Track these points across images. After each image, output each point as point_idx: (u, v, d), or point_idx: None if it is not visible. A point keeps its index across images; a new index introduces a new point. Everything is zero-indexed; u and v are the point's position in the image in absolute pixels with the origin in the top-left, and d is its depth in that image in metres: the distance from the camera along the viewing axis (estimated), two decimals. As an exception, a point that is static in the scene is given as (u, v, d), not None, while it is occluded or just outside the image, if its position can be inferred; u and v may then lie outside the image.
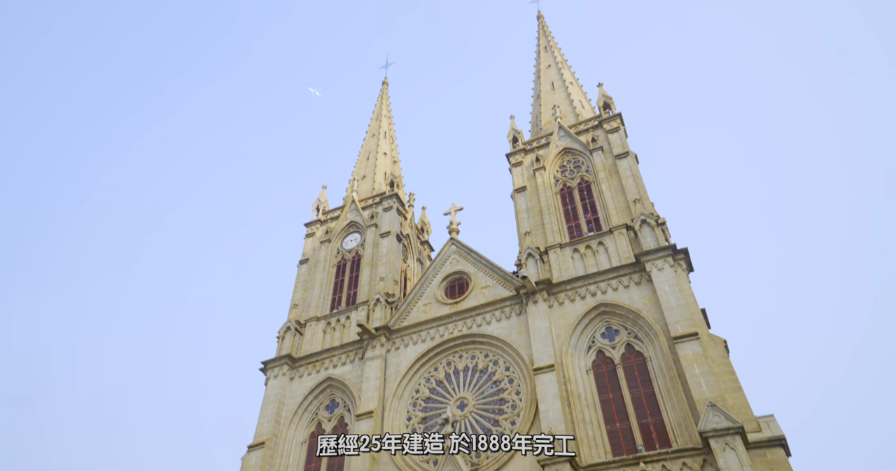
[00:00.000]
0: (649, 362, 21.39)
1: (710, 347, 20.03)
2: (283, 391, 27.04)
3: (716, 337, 20.47)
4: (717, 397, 18.39)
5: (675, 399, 19.69)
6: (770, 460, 17.09)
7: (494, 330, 25.00)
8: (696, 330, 20.32)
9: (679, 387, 19.79)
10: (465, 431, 22.69)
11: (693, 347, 19.91)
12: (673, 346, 20.55)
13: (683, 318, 20.90)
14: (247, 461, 24.69)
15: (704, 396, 18.50)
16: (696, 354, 19.71)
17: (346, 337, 28.38)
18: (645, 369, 21.38)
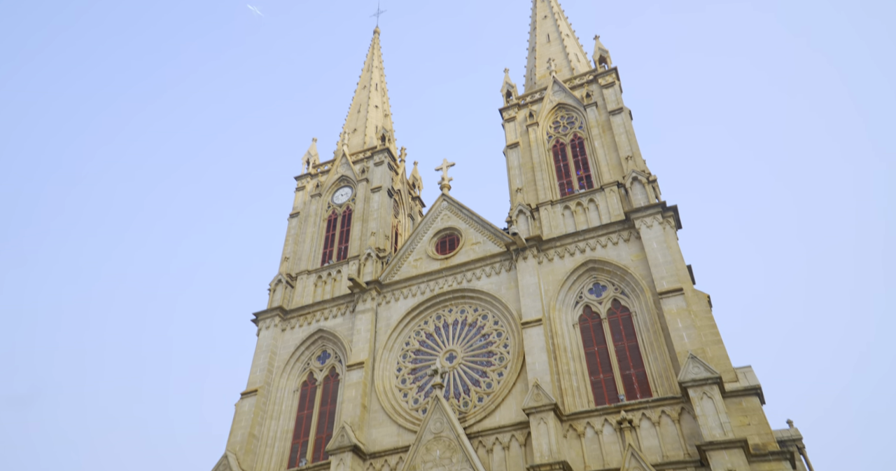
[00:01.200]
0: (634, 316, 21.87)
1: (693, 302, 20.48)
2: (274, 342, 27.50)
3: (699, 292, 20.91)
4: (697, 349, 18.93)
5: (658, 352, 20.26)
6: (745, 407, 17.79)
7: (484, 285, 25.32)
8: (681, 286, 20.71)
9: (662, 340, 20.32)
10: (453, 382, 23.32)
11: (677, 302, 20.34)
12: (658, 301, 20.97)
13: (669, 274, 21.24)
14: (240, 408, 25.36)
15: (686, 348, 19.04)
16: (679, 308, 20.15)
17: (337, 291, 28.67)
18: (630, 324, 21.89)
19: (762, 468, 16.46)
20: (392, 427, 22.66)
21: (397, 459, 21.44)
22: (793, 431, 28.56)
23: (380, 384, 24.19)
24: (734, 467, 15.92)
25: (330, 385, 25.91)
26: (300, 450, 24.21)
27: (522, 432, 20.07)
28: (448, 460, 19.77)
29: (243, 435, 24.18)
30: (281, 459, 24.06)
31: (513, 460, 19.70)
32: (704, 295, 20.84)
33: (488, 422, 21.03)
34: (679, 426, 18.30)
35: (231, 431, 24.68)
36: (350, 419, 22.69)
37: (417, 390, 23.79)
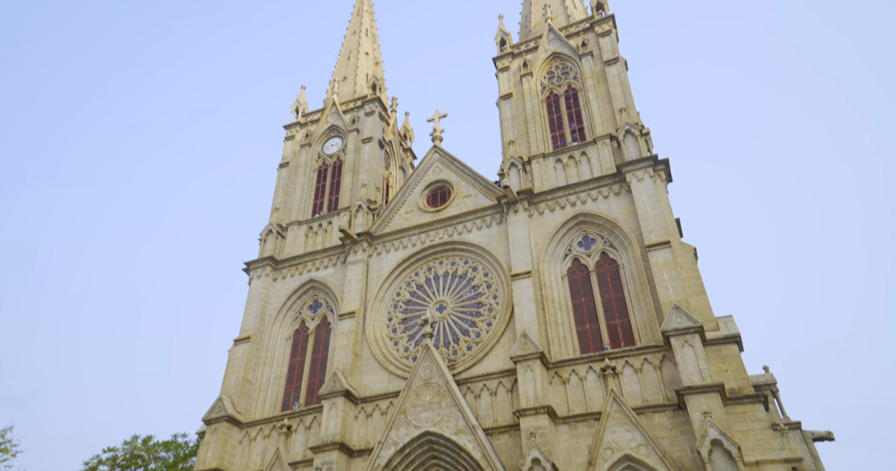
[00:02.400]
0: (622, 268, 22.23)
1: (680, 254, 20.81)
2: (266, 291, 27.79)
3: (686, 245, 21.23)
4: (681, 300, 19.38)
5: (643, 303, 20.72)
6: (723, 354, 18.44)
7: (475, 238, 25.49)
8: (668, 239, 20.98)
9: (648, 292, 20.75)
10: (443, 331, 23.83)
11: (664, 254, 20.64)
12: (646, 253, 21.27)
13: (658, 227, 21.46)
14: (233, 354, 25.86)
15: (670, 299, 19.48)
16: (666, 261, 20.48)
17: (328, 242, 28.78)
18: (617, 276, 22.26)
19: (737, 411, 17.23)
20: (383, 374, 23.30)
21: (388, 403, 22.16)
22: (768, 376, 29.71)
23: (371, 333, 24.70)
24: (710, 410, 16.63)
25: (322, 333, 26.42)
26: (293, 394, 24.92)
27: (509, 378, 20.73)
28: (437, 404, 20.47)
29: (237, 380, 24.77)
30: (275, 402, 24.78)
31: (499, 405, 20.43)
32: (691, 248, 21.18)
33: (476, 369, 21.65)
34: (660, 373, 18.97)
35: (225, 375, 25.26)
36: (342, 366, 23.27)
37: (408, 339, 24.33)
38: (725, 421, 16.55)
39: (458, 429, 19.61)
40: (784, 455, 16.35)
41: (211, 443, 22.88)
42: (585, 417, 18.80)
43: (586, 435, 18.45)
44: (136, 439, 32.16)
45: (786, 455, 16.38)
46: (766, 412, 17.43)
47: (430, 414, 20.32)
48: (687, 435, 17.30)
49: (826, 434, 28.83)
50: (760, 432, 16.75)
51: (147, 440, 32.50)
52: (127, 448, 31.61)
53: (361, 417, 22.38)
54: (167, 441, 32.85)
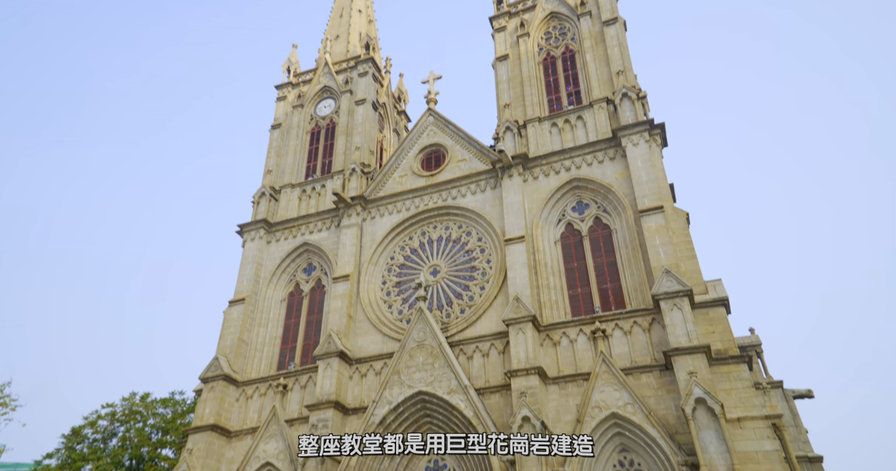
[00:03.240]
0: (614, 233, 22.41)
1: (672, 219, 20.97)
2: (260, 253, 27.89)
3: (679, 210, 21.38)
4: (672, 264, 19.65)
5: (635, 267, 21.00)
6: (711, 317, 18.85)
7: (469, 203, 25.50)
8: (661, 204, 21.08)
9: (639, 256, 21.00)
10: (436, 295, 24.12)
11: (657, 219, 20.79)
12: (638, 218, 21.42)
13: (651, 192, 21.54)
14: (229, 315, 26.13)
15: (661, 263, 19.73)
16: (658, 226, 20.65)
17: (321, 205, 28.72)
18: (610, 240, 22.47)
19: (721, 370, 17.74)
20: (377, 336, 23.68)
21: (382, 364, 22.61)
22: (754, 337, 30.51)
23: (365, 296, 24.96)
24: (695, 370, 17.11)
25: (316, 296, 26.67)
26: (289, 354, 25.35)
27: (501, 340, 21.14)
28: (430, 365, 20.92)
29: (233, 340, 25.11)
30: (270, 362, 25.21)
31: (491, 366, 20.90)
32: (683, 213, 21.36)
33: (469, 332, 22.04)
34: (649, 335, 19.40)
35: (221, 336, 25.57)
36: (336, 328, 23.62)
37: (402, 302, 24.63)
38: (710, 380, 17.05)
39: (450, 389, 20.12)
40: (765, 412, 16.95)
41: (208, 400, 23.37)
42: (575, 377, 19.30)
43: (575, 394, 18.99)
44: (134, 396, 32.71)
45: (767, 412, 16.98)
46: (749, 372, 17.95)
47: (424, 375, 20.79)
48: (672, 394, 17.83)
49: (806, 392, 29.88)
50: (743, 391, 17.30)
51: (145, 397, 33.06)
52: (125, 404, 32.18)
53: (356, 377, 22.87)
54: (165, 398, 33.44)
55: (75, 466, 28.85)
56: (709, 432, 15.97)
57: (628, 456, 17.84)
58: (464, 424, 19.64)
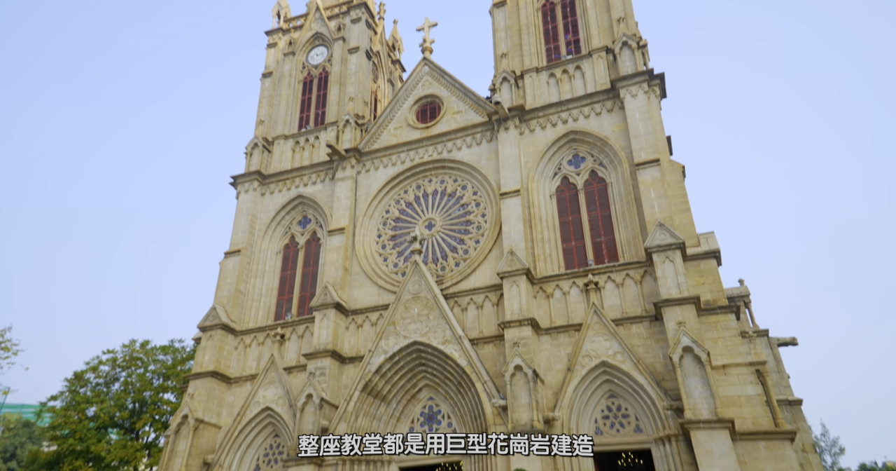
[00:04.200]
0: (610, 187, 22.44)
1: (668, 172, 20.98)
2: (254, 205, 27.83)
3: (675, 163, 21.36)
4: (666, 217, 19.79)
5: (629, 220, 21.15)
6: (702, 269, 19.18)
7: (465, 156, 25.32)
8: (658, 157, 21.01)
9: (634, 210, 21.10)
10: (432, 248, 24.30)
11: (653, 172, 20.79)
12: (634, 172, 21.40)
13: (648, 145, 21.43)
14: (225, 266, 26.33)
15: (655, 217, 19.86)
16: (654, 179, 20.66)
17: (315, 157, 28.44)
18: (605, 194, 22.52)
19: (709, 320, 18.22)
20: (373, 288, 24.01)
21: (378, 315, 23.04)
22: (742, 288, 31.24)
23: (360, 249, 25.13)
24: (684, 320, 17.58)
25: (312, 248, 26.83)
26: (285, 305, 25.74)
27: (495, 293, 21.50)
28: (425, 316, 21.35)
29: (229, 290, 25.41)
30: (267, 312, 25.63)
31: (485, 318, 21.35)
32: (679, 166, 21.33)
33: (464, 285, 22.36)
34: (640, 287, 19.77)
35: (218, 286, 25.85)
36: (332, 280, 23.89)
37: (397, 255, 24.84)
38: (698, 330, 17.54)
39: (445, 339, 20.61)
40: (749, 359, 17.56)
41: (207, 348, 23.87)
42: (567, 328, 19.78)
43: (567, 344, 19.53)
44: (134, 343, 33.25)
45: (751, 359, 17.59)
46: (736, 321, 18.44)
47: (419, 325, 21.24)
48: (661, 343, 18.37)
49: (790, 340, 30.90)
50: (730, 340, 17.84)
51: (145, 344, 33.61)
52: (126, 351, 32.74)
53: (352, 327, 23.34)
54: (164, 346, 34.03)
55: (80, 408, 29.67)
56: (694, 378, 16.56)
57: (616, 401, 18.55)
58: (458, 372, 20.24)
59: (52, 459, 28.77)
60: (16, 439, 42.38)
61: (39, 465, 29.02)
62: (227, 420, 22.94)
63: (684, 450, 16.35)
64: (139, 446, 28.96)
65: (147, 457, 30.32)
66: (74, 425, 28.73)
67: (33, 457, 29.89)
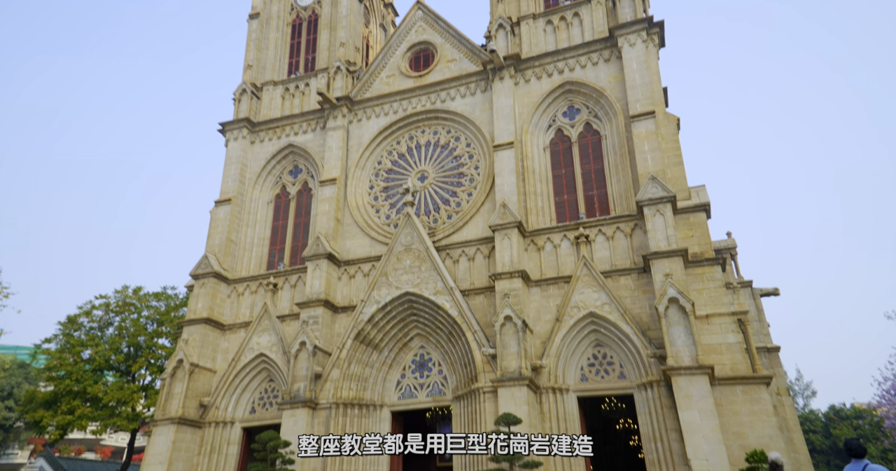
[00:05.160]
0: (604, 139, 22.34)
1: (663, 125, 20.88)
2: (244, 154, 27.45)
3: (670, 115, 21.23)
4: (659, 170, 19.85)
5: (622, 173, 21.19)
6: (691, 222, 19.46)
7: (458, 106, 24.91)
8: (653, 109, 20.83)
9: (627, 163, 21.10)
10: (424, 200, 24.30)
11: (647, 125, 20.67)
12: (629, 124, 21.26)
13: (644, 97, 21.20)
14: (216, 215, 26.21)
15: (648, 170, 19.89)
16: (648, 131, 20.58)
17: (305, 105, 27.86)
18: (599, 147, 22.45)
19: (696, 272, 18.67)
20: (365, 239, 24.13)
21: (370, 266, 23.28)
22: (730, 241, 31.84)
23: (352, 200, 25.07)
24: (671, 272, 17.99)
25: (303, 199, 26.71)
26: (277, 255, 25.87)
27: (487, 245, 21.72)
28: (417, 268, 21.62)
29: (221, 239, 25.42)
30: (260, 262, 25.77)
31: (477, 270, 21.65)
32: (674, 118, 21.21)
33: (456, 237, 22.52)
34: (630, 240, 20.06)
35: (209, 235, 25.81)
36: (324, 231, 23.95)
37: (389, 207, 24.83)
38: (684, 281, 17.99)
39: (436, 290, 20.97)
40: (732, 309, 18.13)
41: (200, 296, 24.11)
42: (556, 280, 20.17)
43: (556, 296, 19.97)
44: (127, 289, 33.37)
45: (734, 309, 18.16)
46: (722, 273, 18.93)
47: (411, 277, 21.53)
48: (648, 295, 18.84)
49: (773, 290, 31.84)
50: (714, 291, 18.35)
51: (137, 290, 33.75)
52: (118, 296, 32.88)
53: (344, 278, 23.61)
54: (157, 292, 34.21)
55: (74, 350, 30.03)
56: (678, 327, 17.12)
57: (602, 350, 19.19)
58: (448, 322, 20.72)
59: (50, 398, 29.33)
60: (12, 379, 43.07)
61: (37, 404, 29.57)
62: (221, 365, 23.48)
63: (665, 394, 17.10)
64: (136, 388, 29.59)
65: (144, 398, 31.06)
66: (70, 367, 29.18)
67: (30, 396, 30.41)
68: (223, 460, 21.81)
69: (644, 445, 17.43)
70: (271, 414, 22.22)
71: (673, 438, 16.59)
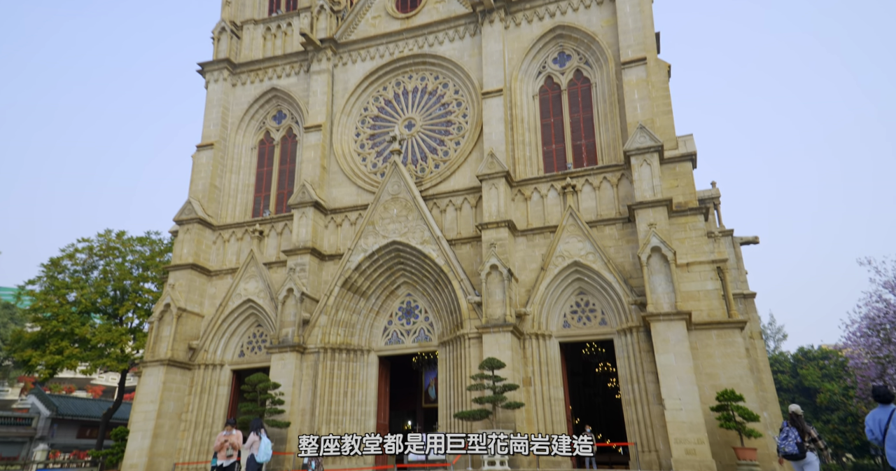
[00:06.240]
0: (594, 87, 22.02)
1: (654, 72, 20.60)
2: (226, 97, 26.65)
3: (661, 62, 20.91)
4: (647, 119, 19.75)
5: (611, 123, 21.05)
6: (677, 172, 19.61)
7: (447, 51, 24.19)
8: (645, 55, 20.50)
9: (616, 112, 20.93)
10: (411, 149, 23.99)
11: (638, 72, 20.38)
12: (620, 71, 20.93)
13: (636, 42, 20.79)
14: (198, 160, 25.69)
15: (637, 119, 19.80)
16: (639, 79, 20.31)
17: (288, 46, 26.84)
18: (588, 95, 22.14)
19: (679, 221, 19.00)
20: (351, 187, 23.96)
21: (357, 215, 23.24)
22: (714, 190, 32.20)
23: (338, 147, 24.67)
24: (655, 221, 18.27)
25: (288, 145, 26.22)
26: (263, 202, 25.65)
27: (474, 195, 21.73)
28: (404, 217, 21.64)
29: (204, 185, 25.06)
30: (245, 209, 25.57)
31: (464, 219, 21.75)
32: (666, 65, 20.91)
33: (443, 186, 22.44)
34: (616, 190, 20.19)
35: (192, 180, 25.41)
36: (310, 178, 23.69)
37: (376, 155, 24.52)
38: (667, 231, 18.30)
39: (423, 239, 21.11)
40: (712, 257, 18.61)
41: (185, 241, 24.01)
42: (542, 230, 20.39)
43: (541, 245, 20.25)
44: (110, 233, 32.96)
45: (714, 257, 18.64)
46: (704, 222, 19.25)
47: (398, 226, 21.59)
48: (632, 244, 19.19)
49: (752, 239, 32.55)
50: (696, 240, 18.75)
51: (121, 234, 33.40)
52: (101, 240, 32.51)
53: (331, 226, 23.60)
54: (141, 237, 33.90)
55: (59, 292, 29.95)
56: (659, 276, 17.59)
57: (585, 298, 19.70)
58: (435, 271, 20.99)
59: (37, 339, 29.47)
60: (-2, 318, 43.08)
61: (24, 344, 29.68)
62: (209, 310, 23.73)
63: (643, 339, 17.78)
64: (124, 330, 29.84)
65: (133, 341, 31.42)
66: (56, 309, 29.19)
67: (17, 336, 30.51)
68: (214, 399, 22.47)
69: (621, 386, 18.25)
70: (260, 357, 22.72)
71: (649, 379, 17.39)
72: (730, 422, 15.77)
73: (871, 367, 23.87)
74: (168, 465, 20.90)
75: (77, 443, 39.17)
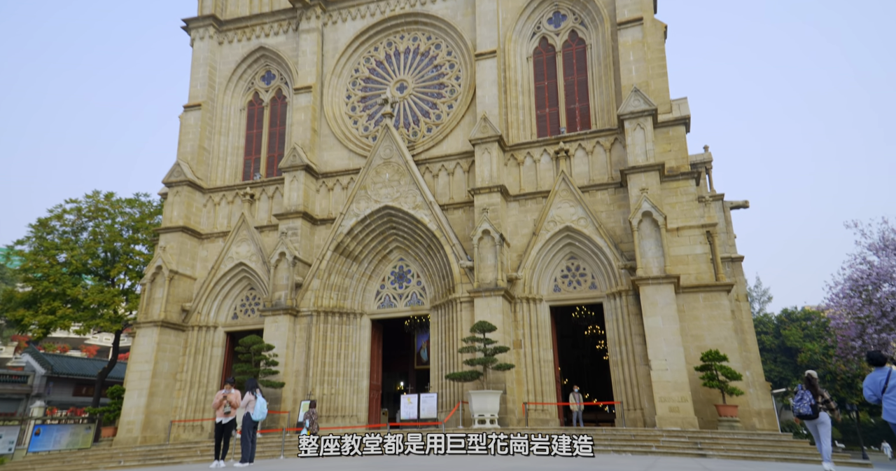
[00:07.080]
0: (589, 49, 21.62)
1: (650, 32, 20.25)
2: (212, 55, 25.94)
3: (658, 22, 20.55)
4: (642, 82, 19.52)
5: (605, 86, 20.78)
6: (670, 136, 19.57)
7: (439, 10, 23.51)
8: (641, 15, 20.12)
9: (611, 74, 20.64)
10: (403, 112, 23.60)
11: (634, 33, 20.01)
12: (616, 32, 20.55)
13: (633, 1, 20.35)
14: (185, 120, 25.20)
15: (632, 81, 19.56)
16: (635, 40, 19.95)
17: (276, 3, 25.97)
18: (583, 57, 21.76)
19: (671, 186, 19.08)
20: (343, 151, 23.68)
21: (348, 179, 23.06)
22: (706, 155, 32.14)
23: (329, 110, 24.23)
24: (647, 186, 18.33)
25: (278, 107, 25.72)
26: (253, 165, 25.35)
27: (467, 160, 21.58)
28: (396, 182, 21.51)
29: (193, 147, 24.69)
30: (235, 172, 25.29)
31: (456, 184, 21.66)
32: (662, 25, 20.58)
33: (436, 151, 22.24)
34: (609, 155, 20.13)
35: (180, 142, 25.01)
36: (301, 142, 23.36)
37: (367, 118, 24.14)
38: (659, 196, 18.40)
39: (415, 204, 21.05)
40: (702, 222, 18.81)
41: (175, 204, 23.83)
42: (535, 195, 20.38)
43: (534, 211, 20.29)
44: (98, 194, 32.51)
45: (703, 222, 18.84)
46: (696, 187, 19.34)
47: (390, 190, 21.48)
48: (623, 209, 19.29)
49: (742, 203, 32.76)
50: (687, 204, 18.89)
51: (109, 196, 32.98)
52: (90, 201, 32.11)
53: (323, 190, 23.44)
54: (130, 199, 33.50)
55: (49, 253, 29.73)
56: (650, 240, 17.78)
57: (576, 262, 19.92)
58: (427, 236, 21.04)
59: (29, 299, 29.42)
60: (-14, 277, 42.75)
61: (16, 303, 29.65)
62: (201, 273, 23.78)
63: (632, 303, 18.12)
64: (116, 291, 29.87)
65: (125, 302, 31.50)
66: (46, 270, 29.06)
67: (9, 296, 30.42)
68: (208, 360, 22.80)
69: (609, 348, 18.71)
70: (253, 320, 22.95)
71: (636, 341, 17.81)
72: (713, 381, 16.30)
73: (851, 327, 24.48)
74: (164, 422, 21.37)
75: (73, 400, 39.78)
